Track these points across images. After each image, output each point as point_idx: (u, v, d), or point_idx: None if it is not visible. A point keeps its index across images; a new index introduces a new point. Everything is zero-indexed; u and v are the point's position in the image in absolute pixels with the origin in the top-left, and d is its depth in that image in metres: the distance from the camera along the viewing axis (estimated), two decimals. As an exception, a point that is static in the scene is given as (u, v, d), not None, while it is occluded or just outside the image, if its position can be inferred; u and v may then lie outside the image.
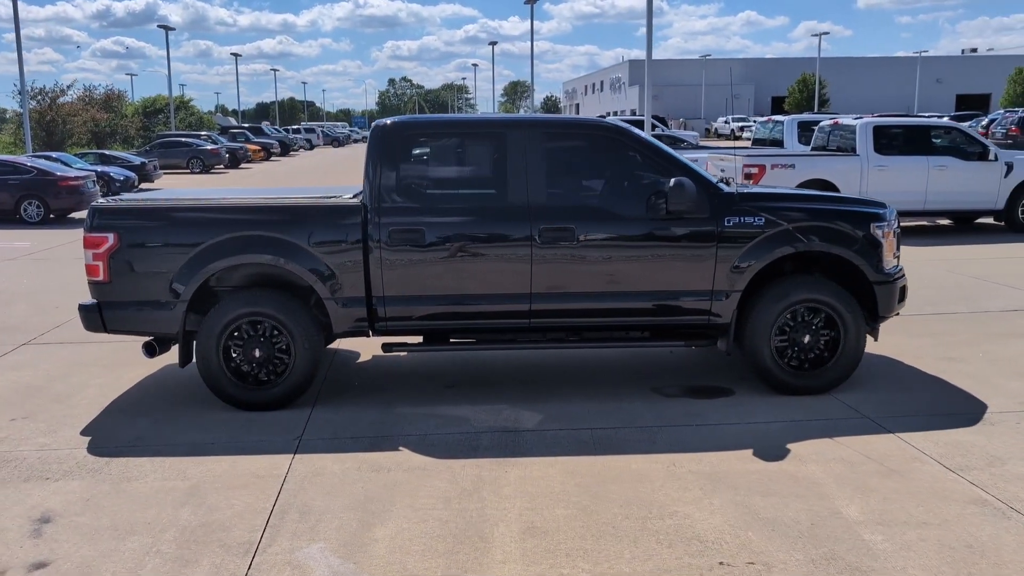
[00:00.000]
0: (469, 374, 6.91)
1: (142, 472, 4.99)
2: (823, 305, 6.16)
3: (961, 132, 15.17)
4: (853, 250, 6.18)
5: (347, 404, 6.17)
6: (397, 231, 5.91)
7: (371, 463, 5.09)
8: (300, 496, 4.64)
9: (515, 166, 6.01)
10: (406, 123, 6.21)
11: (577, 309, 6.11)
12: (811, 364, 6.25)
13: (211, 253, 5.86)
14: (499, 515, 4.39)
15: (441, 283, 5.99)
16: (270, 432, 5.62)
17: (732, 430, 5.59)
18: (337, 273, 5.92)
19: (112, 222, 5.89)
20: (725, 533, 4.17)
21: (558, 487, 4.72)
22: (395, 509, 4.47)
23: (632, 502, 4.52)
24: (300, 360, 5.98)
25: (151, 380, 6.84)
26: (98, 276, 5.91)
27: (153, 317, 5.95)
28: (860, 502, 4.50)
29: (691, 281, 6.10)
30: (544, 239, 5.95)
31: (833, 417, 5.80)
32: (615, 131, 6.27)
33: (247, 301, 5.92)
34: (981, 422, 5.66)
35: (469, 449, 5.30)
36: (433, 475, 4.90)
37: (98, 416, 5.98)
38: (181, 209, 6.05)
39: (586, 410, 5.98)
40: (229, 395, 5.99)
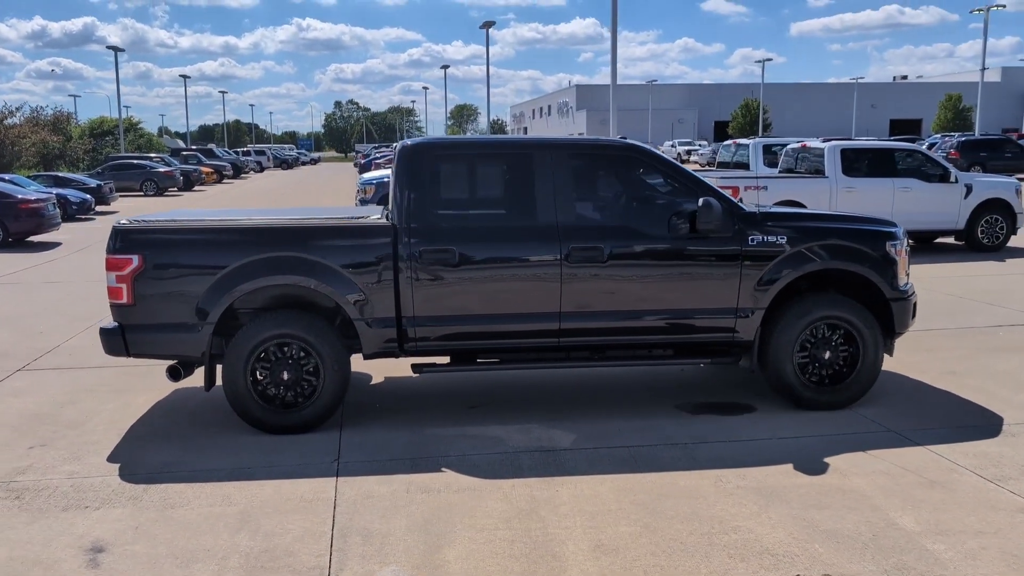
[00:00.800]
0: (489, 394, 6.89)
1: (184, 499, 4.86)
2: (843, 322, 6.30)
3: (923, 155, 15.67)
4: (871, 268, 6.33)
5: (374, 426, 6.09)
6: (428, 251, 5.88)
7: (418, 485, 5.03)
8: (356, 519, 4.57)
9: (543, 186, 6.05)
10: (433, 144, 6.21)
11: (605, 328, 6.14)
12: (831, 380, 6.38)
13: (240, 274, 5.76)
14: (564, 534, 4.37)
15: (472, 303, 5.97)
16: (304, 455, 5.52)
17: (766, 445, 5.66)
18: (367, 294, 5.87)
19: (136, 244, 5.76)
20: (792, 546, 4.22)
21: (613, 505, 4.73)
22: (457, 530, 4.42)
23: (692, 518, 4.55)
24: (329, 382, 5.89)
25: (163, 405, 6.67)
26: (121, 299, 5.77)
27: (179, 340, 5.82)
28: (912, 513, 4.59)
29: (716, 299, 6.19)
30: (573, 259, 5.98)
31: (860, 431, 5.92)
32: (639, 152, 6.36)
33: (276, 323, 5.82)
34: (1002, 434, 5.82)
35: (513, 469, 5.28)
36: (484, 496, 4.87)
37: (120, 442, 5.81)
38: (208, 230, 5.94)
39: (615, 428, 6.00)
40: (257, 419, 5.87)
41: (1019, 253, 14.87)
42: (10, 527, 4.51)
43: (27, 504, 4.80)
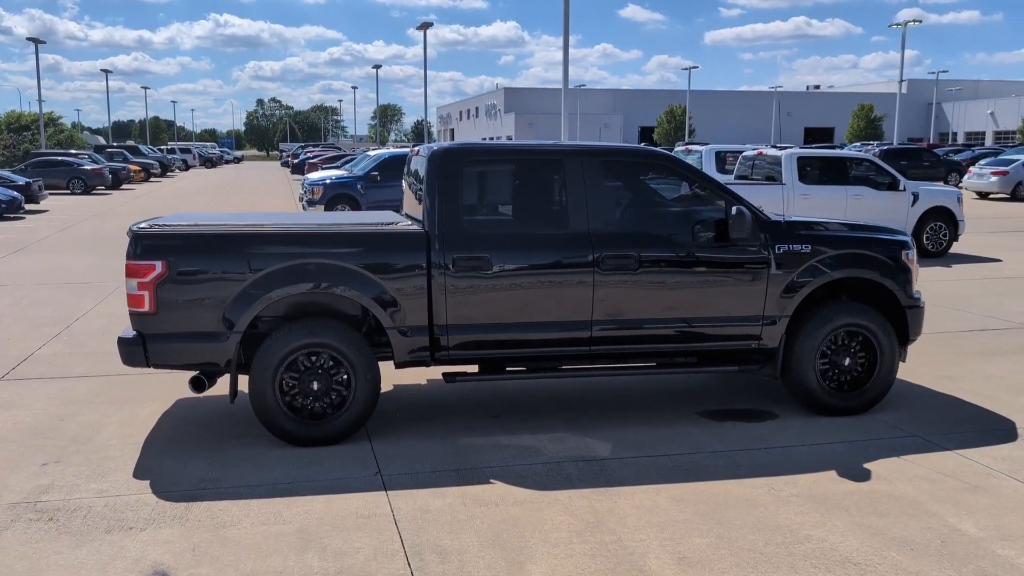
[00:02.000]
0: (508, 402, 6.78)
1: (233, 517, 4.63)
2: (863, 329, 6.41)
3: (873, 163, 16.17)
4: (888, 276, 6.47)
5: (402, 436, 5.93)
6: (462, 258, 5.76)
7: (473, 498, 4.91)
8: (424, 536, 4.42)
9: (574, 193, 6.00)
10: (465, 150, 6.09)
11: (635, 335, 6.12)
12: (849, 386, 6.48)
13: (269, 281, 5.54)
14: (641, 547, 4.32)
15: (504, 311, 5.88)
16: (343, 468, 5.33)
17: (801, 452, 5.71)
18: (401, 302, 5.72)
19: (160, 249, 5.48)
20: (870, 555, 4.26)
21: (678, 516, 4.69)
22: (532, 545, 4.33)
23: (760, 528, 4.55)
24: (361, 392, 5.72)
25: (171, 417, 6.37)
26: (143, 307, 5.48)
27: (204, 349, 5.56)
28: (969, 519, 4.68)
29: (743, 307, 6.23)
30: (606, 266, 5.94)
31: (884, 436, 6.03)
32: (666, 159, 6.36)
33: (308, 331, 5.62)
34: (1020, 438, 6.01)
35: (562, 480, 5.20)
36: (544, 508, 4.78)
37: (141, 457, 5.52)
38: (236, 236, 5.69)
39: (646, 436, 5.98)
40: (286, 431, 5.65)
41: (962, 259, 15.45)
42: (55, 552, 4.22)
43: (64, 526, 4.50)
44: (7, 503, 4.79)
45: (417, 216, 6.17)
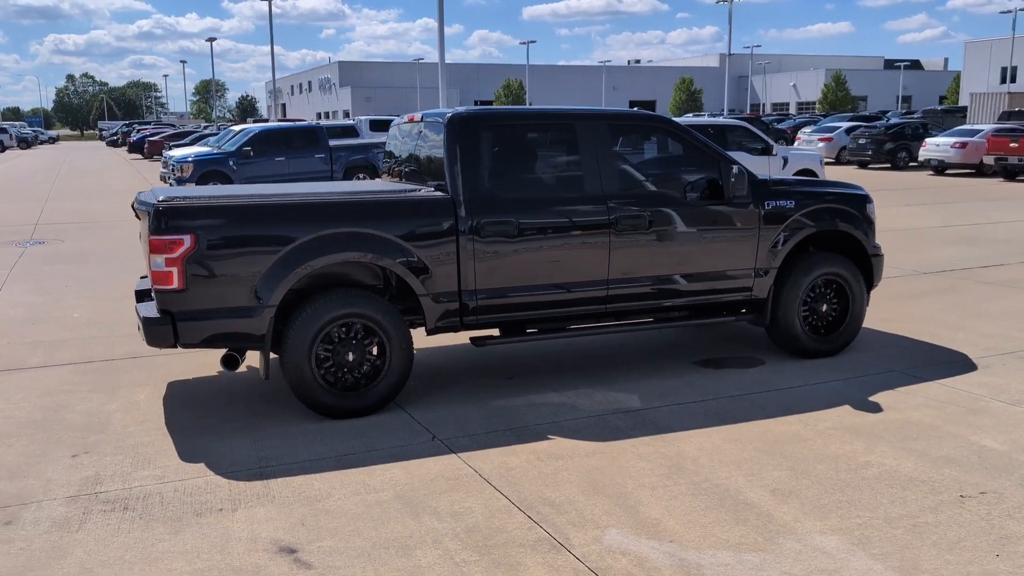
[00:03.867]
0: (516, 366, 6.88)
1: (319, 491, 4.53)
2: (839, 277, 6.95)
3: (748, 130, 17.18)
4: (858, 228, 7.03)
5: (433, 403, 5.93)
6: (489, 223, 5.80)
7: (545, 452, 5.02)
8: (524, 491, 4.50)
9: (588, 156, 6.15)
10: (483, 114, 6.09)
11: (647, 292, 6.37)
12: (826, 330, 7.02)
13: (304, 252, 5.39)
14: (731, 483, 4.58)
15: (529, 273, 5.98)
16: (395, 438, 5.29)
17: (807, 391, 6.15)
18: (432, 268, 5.70)
19: (188, 222, 5.21)
20: (930, 473, 4.70)
21: (743, 454, 4.99)
22: (632, 490, 4.50)
23: (822, 458, 4.91)
24: (396, 360, 5.68)
25: (173, 400, 6.07)
26: (171, 283, 5.19)
27: (237, 325, 5.34)
28: (988, 436, 5.23)
29: (739, 261, 6.60)
30: (621, 226, 6.15)
31: (868, 373, 6.57)
32: (667, 123, 6.62)
33: (343, 302, 5.50)
34: (980, 367, 6.70)
35: (615, 431, 5.39)
36: (618, 457, 4.95)
37: (177, 442, 5.25)
38: (268, 206, 5.47)
39: (665, 387, 6.26)
40: (324, 404, 5.53)
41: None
42: (157, 539, 4.01)
43: (148, 513, 4.26)
44: (65, 496, 4.47)
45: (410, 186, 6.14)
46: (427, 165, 6.34)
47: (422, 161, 6.45)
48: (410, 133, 6.77)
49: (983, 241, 13.43)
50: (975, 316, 8.42)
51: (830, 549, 3.85)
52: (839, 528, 4.05)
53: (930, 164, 29.18)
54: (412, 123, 6.66)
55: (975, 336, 7.61)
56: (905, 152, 32.11)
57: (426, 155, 6.36)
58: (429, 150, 6.31)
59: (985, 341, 7.44)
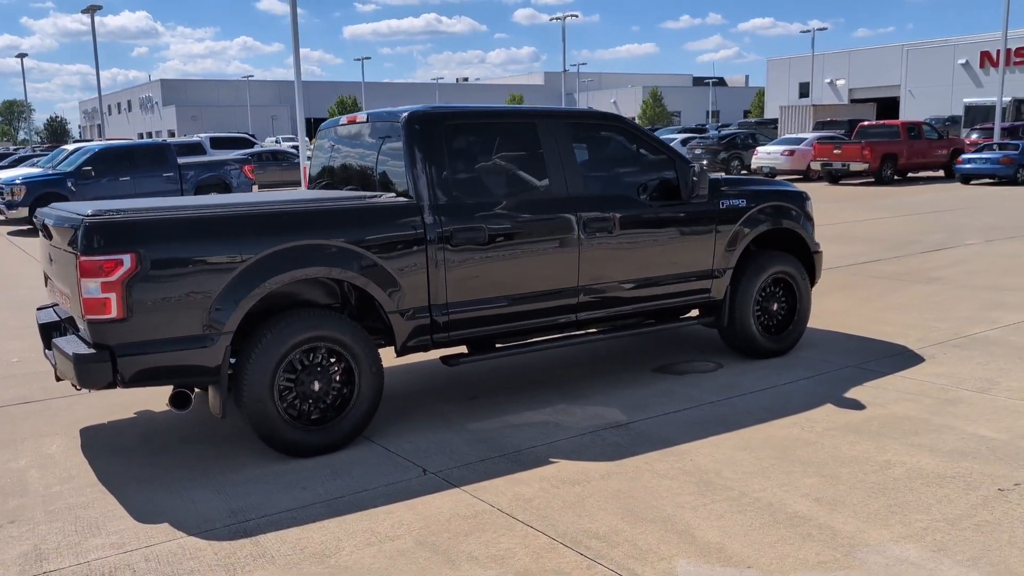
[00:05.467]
0: (468, 384, 6.38)
1: (326, 545, 3.89)
2: (787, 276, 6.89)
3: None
4: (801, 225, 7.01)
5: (402, 431, 5.35)
6: (460, 230, 5.31)
7: (555, 478, 4.57)
8: (559, 523, 4.04)
9: (551, 156, 5.78)
10: (442, 113, 5.56)
11: (615, 298, 6.05)
12: (776, 329, 6.94)
13: (262, 269, 4.70)
14: (771, 495, 4.30)
15: (501, 283, 5.52)
16: (381, 475, 4.69)
17: (781, 392, 5.99)
18: (400, 281, 5.14)
19: (127, 239, 4.41)
20: (951, 467, 4.59)
21: (761, 463, 4.73)
22: (674, 512, 4.12)
23: (843, 462, 4.72)
24: (366, 387, 5.07)
25: (94, 449, 5.18)
26: (109, 312, 4.38)
27: (187, 357, 4.58)
28: (981, 426, 5.20)
29: (698, 262, 6.40)
30: (589, 229, 5.81)
31: (826, 370, 6.51)
32: (621, 121, 6.33)
33: (308, 324, 4.85)
34: (927, 358, 6.79)
35: (616, 448, 5.01)
36: (637, 477, 4.57)
37: (121, 500, 4.42)
38: (220, 218, 4.73)
39: (641, 398, 5.94)
40: (290, 441, 4.85)
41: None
42: (152, 623, 3.27)
43: (126, 592, 3.50)
44: (7, 582, 3.62)
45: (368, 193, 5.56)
46: (374, 171, 5.75)
47: (367, 167, 5.86)
48: (349, 137, 6.15)
49: (851, 239, 14.03)
50: (888, 309, 8.64)
51: (914, 559, 3.62)
52: (908, 535, 3.83)
53: (762, 171, 30.70)
54: (353, 125, 6.05)
55: (900, 328, 7.76)
56: (738, 160, 33.66)
57: (374, 159, 5.78)
58: (379, 154, 5.73)
59: (913, 332, 7.59)
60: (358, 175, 5.95)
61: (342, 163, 6.20)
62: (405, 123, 5.39)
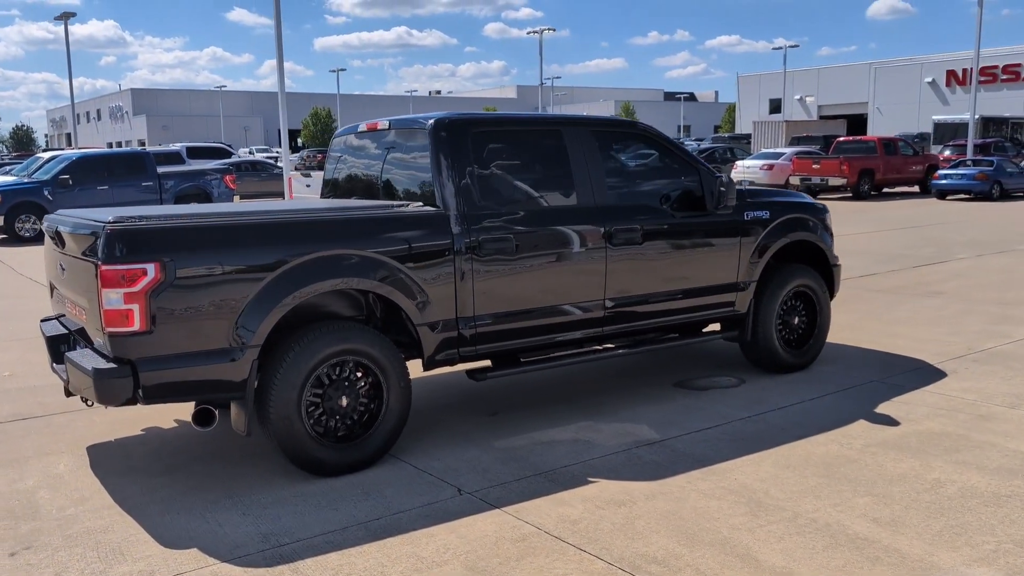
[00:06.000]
0: (487, 399, 6.18)
1: (371, 571, 3.66)
2: (808, 289, 6.78)
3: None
4: (822, 238, 6.90)
5: (428, 448, 5.14)
6: (488, 240, 5.13)
7: (598, 499, 4.38)
8: (611, 547, 3.84)
9: (578, 165, 5.62)
10: (469, 120, 5.38)
11: (642, 311, 5.89)
12: (796, 344, 6.82)
13: (291, 279, 4.48)
14: (827, 516, 4.14)
15: (529, 295, 5.34)
16: (414, 495, 4.47)
17: (811, 408, 5.85)
18: (429, 292, 4.94)
19: (151, 247, 4.17)
20: (1004, 486, 4.45)
21: (808, 481, 4.57)
22: (730, 535, 3.95)
23: (892, 480, 4.57)
24: (395, 402, 4.86)
25: (105, 468, 4.91)
26: (131, 324, 4.13)
27: (212, 372, 4.34)
28: (1022, 442, 5.11)
29: (724, 274, 6.26)
30: (616, 240, 5.65)
31: (854, 384, 6.39)
32: (651, 131, 6.18)
33: (338, 337, 4.63)
34: (948, 373, 6.70)
35: (654, 466, 4.84)
36: (684, 498, 4.39)
37: (144, 523, 4.17)
38: (249, 226, 4.50)
39: (666, 413, 5.77)
40: (317, 460, 4.62)
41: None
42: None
43: (163, 625, 3.25)
44: (30, 614, 3.36)
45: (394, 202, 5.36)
46: (396, 179, 5.55)
47: (387, 175, 5.65)
48: (367, 145, 5.95)
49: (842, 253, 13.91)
50: (897, 323, 8.56)
51: (992, 583, 3.47)
52: (979, 558, 3.69)
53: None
54: (372, 132, 5.85)
55: (915, 342, 7.68)
56: (718, 174, 33.69)
57: (395, 168, 5.58)
58: (401, 162, 5.53)
59: (929, 347, 7.51)
60: (377, 183, 5.74)
61: (359, 171, 6.00)
62: (432, 130, 5.20)
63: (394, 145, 5.63)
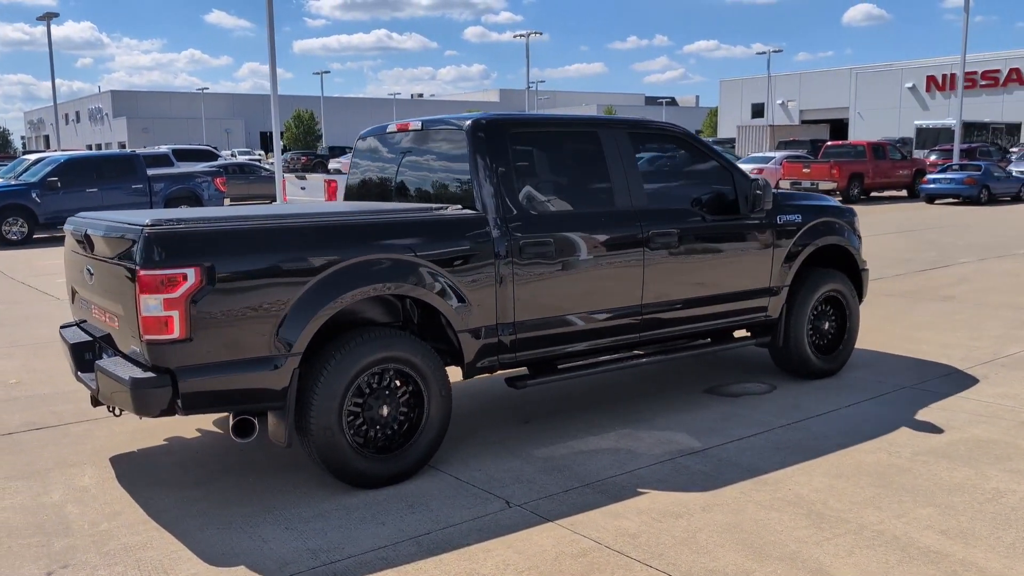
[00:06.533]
0: (518, 407, 6.02)
1: (428, 588, 3.51)
2: (839, 294, 6.67)
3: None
4: (851, 242, 6.80)
5: (466, 458, 4.98)
6: (529, 244, 4.98)
7: (653, 511, 4.23)
8: (678, 562, 3.70)
9: (615, 168, 5.48)
10: (508, 120, 5.22)
11: (677, 317, 5.75)
12: (825, 349, 6.71)
13: (335, 284, 4.31)
14: (894, 528, 4.01)
15: (568, 300, 5.20)
16: (462, 508, 4.31)
17: (850, 415, 5.73)
18: (470, 298, 4.79)
19: (192, 251, 3.99)
20: (1064, 495, 4.37)
21: (864, 492, 4.44)
22: (796, 547, 3.81)
23: (951, 490, 4.45)
24: (436, 412, 4.70)
25: (131, 480, 4.71)
26: (171, 332, 3.95)
27: (252, 380, 4.16)
28: (1070, 449, 5.03)
29: (757, 279, 6.14)
30: (653, 244, 5.51)
31: (887, 391, 6.28)
32: (681, 131, 6.06)
33: (381, 344, 4.46)
34: (981, 379, 6.61)
35: (704, 477, 4.70)
36: (740, 510, 4.25)
37: (183, 537, 3.98)
38: (290, 230, 4.32)
39: (704, 421, 5.64)
40: (358, 472, 4.44)
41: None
42: None
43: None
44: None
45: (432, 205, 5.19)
46: (429, 182, 5.39)
47: (420, 177, 5.48)
48: (396, 146, 5.78)
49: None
50: (916, 328, 8.48)
51: (1081, 598, 3.36)
52: (1061, 571, 3.58)
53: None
54: (403, 133, 5.68)
55: (939, 347, 7.60)
56: (707, 179, 33.72)
57: (428, 170, 5.41)
58: (436, 163, 5.37)
59: (954, 352, 7.43)
60: (407, 185, 5.58)
61: (388, 173, 5.83)
62: (470, 131, 5.04)
63: (426, 146, 5.47)
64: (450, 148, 5.22)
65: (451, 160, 5.20)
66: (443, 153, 5.30)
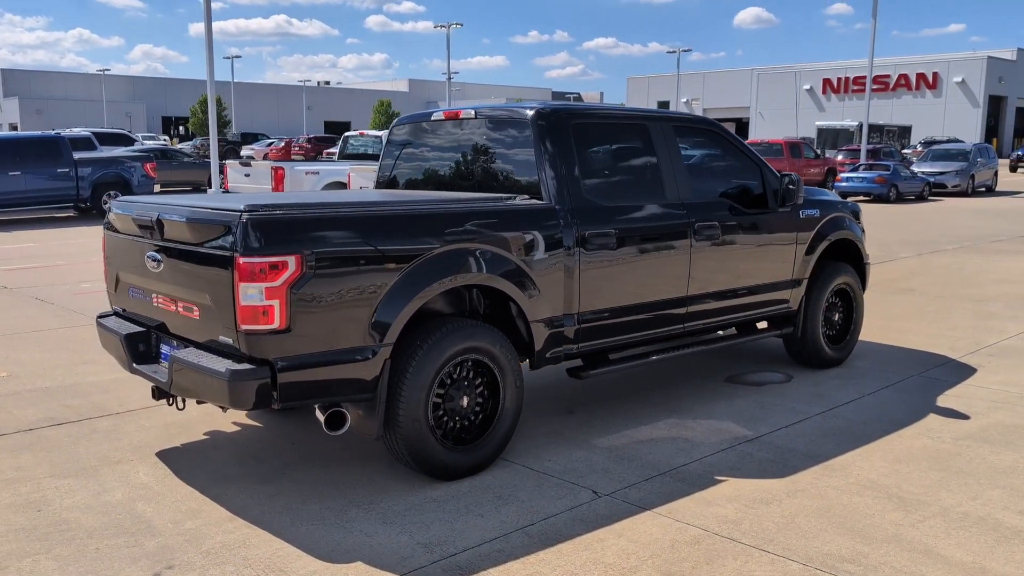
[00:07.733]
0: (556, 397, 6.02)
1: None
2: (848, 286, 6.91)
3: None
4: (857, 236, 7.05)
5: (530, 448, 4.95)
6: (594, 235, 4.98)
7: (739, 498, 4.30)
8: (790, 546, 3.77)
9: (665, 160, 5.53)
10: (571, 111, 5.21)
11: (716, 308, 5.85)
12: (834, 339, 6.94)
13: (426, 273, 4.23)
14: (976, 509, 4.18)
15: (627, 291, 5.23)
16: (552, 499, 4.28)
17: (875, 402, 5.94)
18: (543, 288, 4.76)
19: (291, 239, 3.84)
20: (1110, 476, 4.65)
21: (929, 475, 4.62)
22: (895, 530, 3.94)
23: (1005, 472, 4.65)
24: (511, 402, 4.66)
25: (190, 474, 4.51)
26: (270, 322, 3.79)
27: (344, 371, 4.03)
28: (1093, 433, 5.35)
29: (783, 271, 6.30)
30: (700, 236, 5.60)
31: (896, 380, 6.53)
32: (717, 126, 6.15)
33: (464, 335, 4.39)
34: (977, 367, 6.96)
35: (772, 465, 4.79)
36: (822, 495, 4.36)
37: (284, 534, 3.83)
38: (386, 217, 4.20)
39: (741, 410, 5.74)
40: (441, 463, 4.37)
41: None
42: None
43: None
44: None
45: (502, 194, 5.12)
46: (485, 171, 5.32)
47: (475, 166, 5.40)
48: (445, 134, 5.68)
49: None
50: (894, 319, 8.83)
51: None
52: None
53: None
54: (451, 121, 5.58)
55: (924, 338, 7.94)
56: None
57: (486, 159, 5.34)
58: (494, 153, 5.30)
59: (940, 342, 7.77)
60: (457, 175, 5.49)
61: (434, 162, 5.72)
62: (533, 120, 5.00)
63: (481, 135, 5.39)
64: (510, 137, 5.16)
65: (512, 149, 5.14)
66: (502, 141, 5.24)
